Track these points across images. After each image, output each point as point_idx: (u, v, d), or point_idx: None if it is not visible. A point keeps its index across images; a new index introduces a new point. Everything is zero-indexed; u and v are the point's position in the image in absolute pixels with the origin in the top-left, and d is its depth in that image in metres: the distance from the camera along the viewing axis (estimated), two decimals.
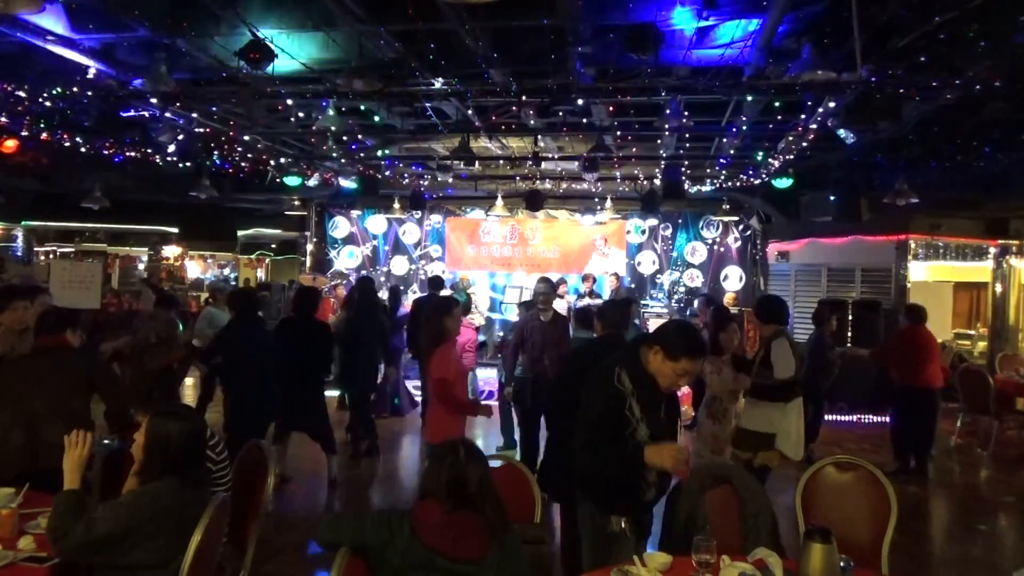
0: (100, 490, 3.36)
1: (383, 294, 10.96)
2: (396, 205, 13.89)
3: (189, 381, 9.83)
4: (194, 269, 22.45)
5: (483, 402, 6.58)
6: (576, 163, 10.65)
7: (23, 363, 3.83)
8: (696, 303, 10.82)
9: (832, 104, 6.91)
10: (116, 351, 6.78)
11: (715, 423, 5.32)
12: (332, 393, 7.50)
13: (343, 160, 11.51)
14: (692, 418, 8.37)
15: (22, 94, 7.41)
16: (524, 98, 7.36)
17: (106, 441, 2.91)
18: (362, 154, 11.01)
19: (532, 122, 7.91)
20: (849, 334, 10.27)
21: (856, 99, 6.64)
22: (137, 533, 2.52)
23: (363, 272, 14.75)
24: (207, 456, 3.33)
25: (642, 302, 12.77)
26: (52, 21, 5.89)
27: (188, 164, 11.22)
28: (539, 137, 9.31)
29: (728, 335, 5.13)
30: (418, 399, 9.20)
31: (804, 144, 8.50)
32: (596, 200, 13.81)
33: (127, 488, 2.74)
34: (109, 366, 4.11)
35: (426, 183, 13.24)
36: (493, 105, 8.34)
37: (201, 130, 9.03)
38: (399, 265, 14.94)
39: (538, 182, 12.63)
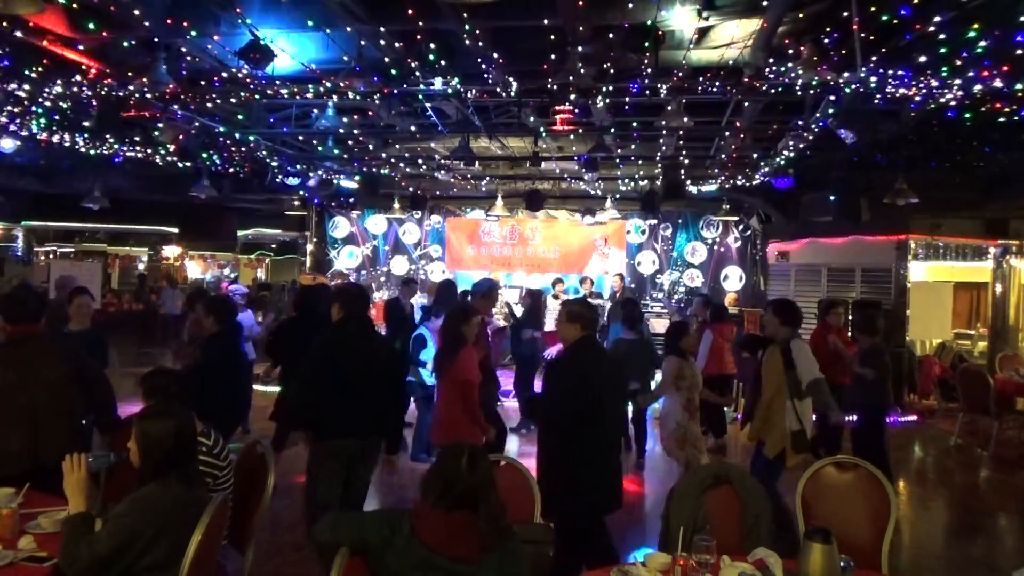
0: (104, 502, 3.35)
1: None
2: (396, 205, 13.90)
3: None
4: (194, 269, 22.47)
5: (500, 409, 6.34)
6: (576, 163, 10.66)
7: (2, 353, 3.68)
8: (694, 303, 10.84)
9: (832, 104, 6.91)
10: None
11: (691, 418, 5.53)
12: None
13: (344, 158, 11.50)
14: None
15: (22, 94, 7.42)
16: (524, 98, 7.37)
17: (101, 458, 2.87)
18: (364, 155, 11.01)
19: (532, 119, 7.91)
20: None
21: (856, 99, 6.65)
22: (142, 539, 2.52)
23: (363, 272, 14.78)
24: (209, 460, 3.33)
25: (642, 302, 12.78)
26: (52, 21, 5.89)
27: (188, 164, 11.22)
28: (539, 137, 9.31)
29: (687, 340, 5.80)
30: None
31: (804, 144, 8.50)
32: (596, 200, 13.81)
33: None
34: (92, 360, 4.06)
35: (426, 183, 13.24)
36: (493, 105, 8.33)
37: (201, 129, 9.03)
38: (399, 265, 14.95)
39: (538, 182, 12.63)
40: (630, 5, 5.44)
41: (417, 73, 6.73)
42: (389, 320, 8.34)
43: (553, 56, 6.36)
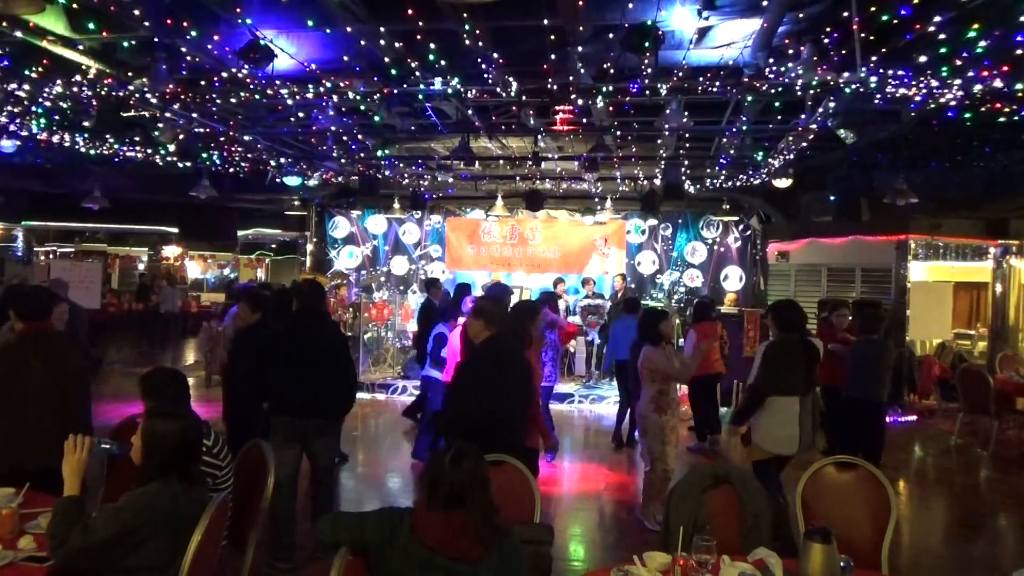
0: (103, 495, 3.34)
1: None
2: (396, 205, 13.89)
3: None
4: (194, 269, 22.48)
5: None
6: (576, 163, 10.66)
7: (18, 350, 3.70)
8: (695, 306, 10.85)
9: (832, 104, 6.91)
10: None
11: (662, 415, 5.40)
12: None
13: (343, 160, 11.50)
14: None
15: (22, 94, 7.41)
16: (524, 98, 7.36)
17: (105, 446, 2.89)
18: (362, 154, 11.00)
19: (532, 122, 7.91)
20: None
21: (856, 99, 6.65)
22: (136, 536, 2.52)
23: (363, 272, 14.77)
24: (209, 461, 3.33)
25: (642, 302, 12.76)
26: (52, 21, 5.89)
27: (188, 164, 11.22)
28: (539, 137, 9.31)
29: (667, 324, 5.69)
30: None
31: (804, 144, 8.50)
32: (596, 200, 13.81)
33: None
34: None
35: (426, 183, 13.24)
36: (493, 105, 8.33)
37: (201, 130, 9.03)
38: (399, 265, 14.94)
39: (538, 182, 12.62)
40: (630, 5, 5.43)
41: (417, 73, 6.73)
42: (423, 319, 8.55)
43: (553, 56, 6.35)
